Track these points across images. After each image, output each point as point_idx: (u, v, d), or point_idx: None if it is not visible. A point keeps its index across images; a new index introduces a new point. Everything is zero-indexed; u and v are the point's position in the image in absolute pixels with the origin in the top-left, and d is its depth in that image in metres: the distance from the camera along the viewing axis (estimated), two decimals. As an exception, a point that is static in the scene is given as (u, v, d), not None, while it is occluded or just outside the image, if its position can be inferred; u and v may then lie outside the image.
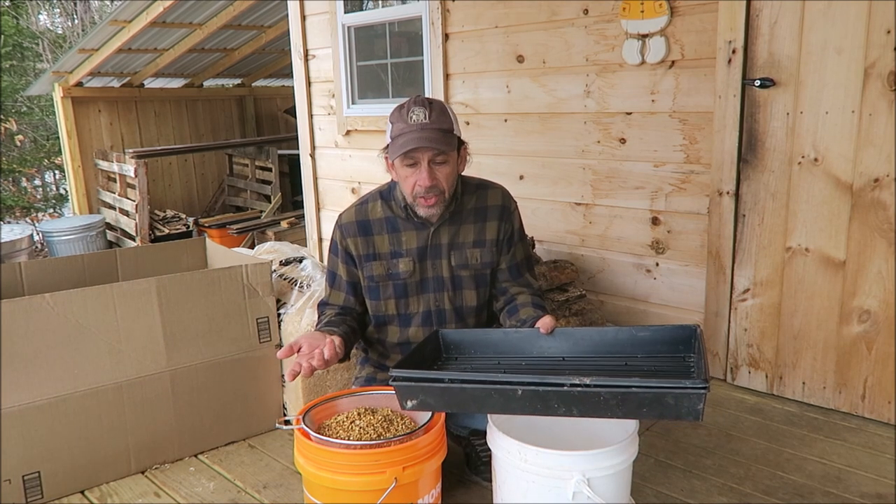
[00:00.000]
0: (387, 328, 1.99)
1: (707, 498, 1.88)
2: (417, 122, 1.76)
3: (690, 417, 1.31)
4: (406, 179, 1.82)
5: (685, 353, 1.64)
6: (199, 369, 2.17)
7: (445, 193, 1.83)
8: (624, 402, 1.34)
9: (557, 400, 1.39)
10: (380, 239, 1.93)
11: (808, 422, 2.31)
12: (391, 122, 1.83)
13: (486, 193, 1.97)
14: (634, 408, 1.34)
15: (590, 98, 2.84)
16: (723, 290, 2.57)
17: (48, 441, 1.93)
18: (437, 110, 1.79)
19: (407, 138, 1.75)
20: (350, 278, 1.97)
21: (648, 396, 1.33)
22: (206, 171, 6.73)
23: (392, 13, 3.65)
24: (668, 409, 1.32)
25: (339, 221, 1.97)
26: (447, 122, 1.80)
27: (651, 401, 1.33)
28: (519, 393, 1.40)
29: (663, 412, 1.33)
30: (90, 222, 5.36)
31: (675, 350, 1.65)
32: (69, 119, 5.70)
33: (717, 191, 2.52)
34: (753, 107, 2.39)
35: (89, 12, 10.31)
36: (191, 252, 2.78)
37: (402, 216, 1.91)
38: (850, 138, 2.20)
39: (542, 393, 1.38)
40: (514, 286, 1.97)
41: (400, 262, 1.92)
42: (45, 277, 2.43)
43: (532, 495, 1.49)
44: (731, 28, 2.38)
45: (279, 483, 2.03)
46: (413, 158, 1.78)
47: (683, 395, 1.30)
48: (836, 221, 2.27)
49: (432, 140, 1.75)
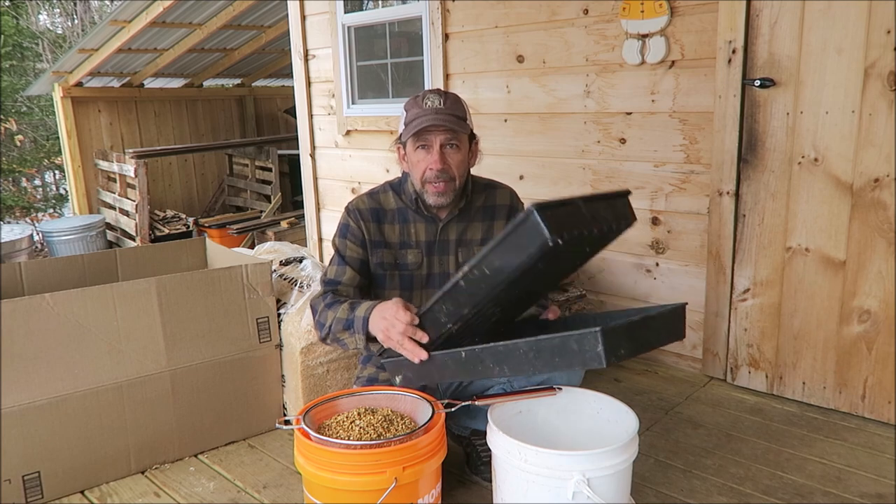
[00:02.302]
0: None
1: (707, 498, 1.88)
2: (432, 106, 1.80)
3: (595, 363, 1.38)
4: (417, 164, 1.83)
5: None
6: (199, 369, 2.17)
7: (456, 181, 1.84)
8: (538, 353, 1.45)
9: (491, 359, 1.52)
10: (390, 228, 1.93)
11: (808, 422, 2.31)
12: (406, 110, 1.86)
13: (495, 193, 1.98)
14: (548, 358, 1.44)
15: (590, 98, 2.84)
16: (723, 290, 2.57)
17: (48, 441, 1.93)
18: (452, 99, 1.84)
19: (421, 119, 1.78)
20: (362, 258, 1.92)
21: (556, 343, 1.42)
22: (206, 171, 6.73)
23: (392, 13, 3.65)
24: (575, 356, 1.40)
25: (350, 207, 1.94)
26: (461, 110, 1.84)
27: (559, 349, 1.42)
28: (463, 356, 1.55)
29: (572, 360, 1.41)
30: (90, 222, 5.35)
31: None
32: (69, 119, 5.70)
33: (717, 191, 2.52)
34: (753, 107, 2.39)
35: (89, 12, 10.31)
36: (191, 252, 2.78)
37: (413, 208, 1.92)
38: (850, 138, 2.20)
39: (478, 352, 1.52)
40: None
41: (409, 253, 1.92)
42: (45, 277, 2.43)
43: (532, 495, 1.49)
44: (731, 28, 2.38)
45: (279, 483, 2.03)
46: (426, 140, 1.80)
47: (582, 337, 1.37)
48: (836, 221, 2.27)
49: (446, 121, 1.78)
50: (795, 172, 2.33)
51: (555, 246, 1.30)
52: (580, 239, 1.39)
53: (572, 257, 1.60)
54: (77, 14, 10.33)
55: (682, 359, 2.79)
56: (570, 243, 1.36)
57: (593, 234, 1.43)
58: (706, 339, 2.67)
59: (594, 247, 1.62)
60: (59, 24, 10.70)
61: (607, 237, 1.57)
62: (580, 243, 1.43)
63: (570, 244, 1.36)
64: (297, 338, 2.27)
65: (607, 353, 1.36)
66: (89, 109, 5.88)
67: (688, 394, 2.55)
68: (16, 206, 8.10)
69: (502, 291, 1.46)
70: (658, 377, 2.72)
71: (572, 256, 1.58)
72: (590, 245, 1.56)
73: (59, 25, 10.67)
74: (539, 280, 1.60)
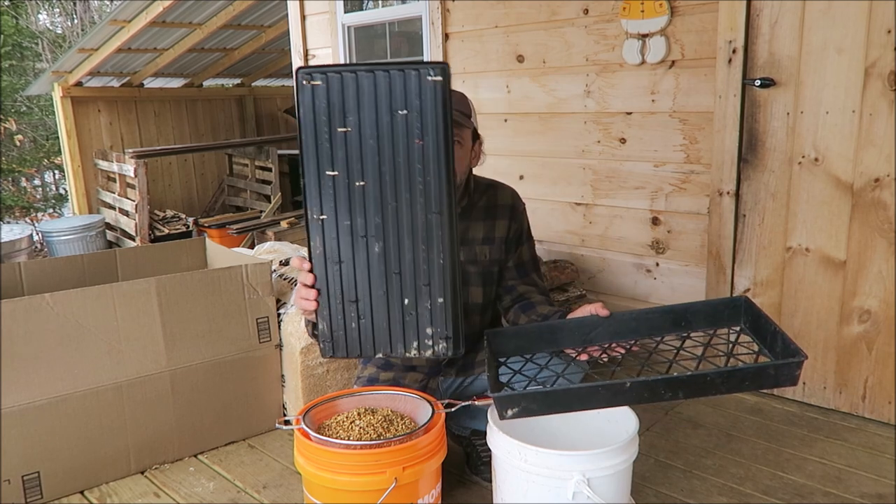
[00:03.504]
0: None
1: (707, 498, 1.88)
2: None
3: (788, 383, 1.39)
4: None
5: (732, 323, 1.68)
6: (199, 369, 2.17)
7: (457, 177, 1.83)
8: (728, 379, 1.39)
9: (665, 387, 1.41)
10: None
11: (808, 422, 2.31)
12: None
13: (497, 192, 1.98)
14: (737, 383, 1.40)
15: (590, 98, 2.84)
16: (723, 290, 2.56)
17: (48, 441, 1.93)
18: (458, 96, 1.84)
19: None
20: None
21: (752, 372, 1.39)
22: (206, 171, 6.73)
23: (392, 13, 3.65)
24: (768, 379, 1.39)
25: None
26: (466, 107, 1.84)
27: (754, 375, 1.39)
28: (627, 385, 1.41)
29: (763, 382, 1.40)
30: (90, 222, 5.35)
31: (725, 321, 1.68)
32: (69, 119, 5.70)
33: (718, 191, 2.52)
34: (754, 107, 2.39)
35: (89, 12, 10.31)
36: (191, 252, 2.78)
37: None
38: (851, 138, 2.19)
39: (650, 383, 1.40)
40: (522, 285, 1.97)
41: None
42: (45, 277, 2.43)
43: (532, 495, 1.49)
44: (731, 28, 2.37)
45: (279, 483, 2.03)
46: None
47: (785, 366, 1.36)
48: (836, 221, 2.27)
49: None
50: (796, 172, 2.33)
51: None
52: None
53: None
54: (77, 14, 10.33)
55: (682, 359, 2.78)
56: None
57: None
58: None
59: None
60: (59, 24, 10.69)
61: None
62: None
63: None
64: (297, 338, 2.27)
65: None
66: (89, 109, 5.87)
67: (688, 394, 2.55)
68: (15, 206, 8.10)
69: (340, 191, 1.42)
70: (658, 377, 2.71)
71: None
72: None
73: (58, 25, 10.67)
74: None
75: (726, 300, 1.71)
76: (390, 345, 1.52)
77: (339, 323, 1.51)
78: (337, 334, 1.51)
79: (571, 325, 1.71)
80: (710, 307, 1.70)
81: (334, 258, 1.48)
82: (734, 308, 1.66)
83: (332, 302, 1.49)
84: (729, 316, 1.67)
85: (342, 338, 1.52)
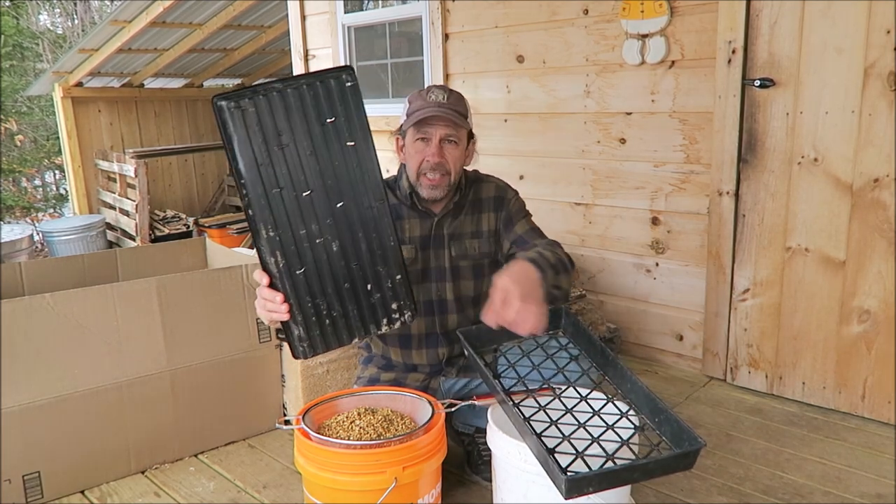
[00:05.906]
0: None
1: (707, 498, 1.88)
2: (436, 100, 1.83)
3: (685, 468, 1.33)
4: (415, 155, 1.86)
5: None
6: (199, 369, 2.17)
7: (451, 176, 1.86)
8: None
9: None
10: None
11: (807, 422, 2.31)
12: (409, 102, 1.88)
13: (482, 186, 2.00)
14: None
15: (590, 98, 2.84)
16: (723, 290, 2.57)
17: (48, 441, 1.93)
18: (456, 96, 1.87)
19: (424, 111, 1.81)
20: None
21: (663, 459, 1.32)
22: (206, 171, 6.73)
23: (392, 13, 3.65)
24: (673, 465, 1.33)
25: None
26: (463, 108, 1.87)
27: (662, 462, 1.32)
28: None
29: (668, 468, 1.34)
30: (90, 222, 5.35)
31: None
32: (69, 119, 5.70)
33: (717, 191, 2.52)
34: (753, 107, 2.39)
35: (89, 12, 10.31)
36: (191, 252, 2.78)
37: (407, 204, 1.93)
38: (850, 138, 2.20)
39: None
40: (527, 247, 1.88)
41: (403, 249, 1.92)
42: (45, 277, 2.43)
43: (532, 495, 1.49)
44: (731, 28, 2.38)
45: (279, 483, 2.03)
46: (426, 133, 1.83)
47: (686, 454, 1.30)
48: (836, 221, 2.27)
49: (449, 115, 1.81)
50: (795, 172, 2.33)
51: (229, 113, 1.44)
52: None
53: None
54: (77, 14, 10.33)
55: (681, 359, 2.79)
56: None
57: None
58: (706, 339, 2.67)
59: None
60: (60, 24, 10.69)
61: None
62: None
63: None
64: (297, 338, 2.27)
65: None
66: (89, 109, 5.87)
67: (688, 394, 2.55)
68: (16, 206, 8.10)
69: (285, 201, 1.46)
70: (658, 377, 2.71)
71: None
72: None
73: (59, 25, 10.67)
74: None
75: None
76: (364, 328, 1.59)
77: (314, 322, 1.55)
78: (313, 333, 1.56)
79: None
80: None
81: (297, 266, 1.51)
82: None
83: (303, 306, 1.53)
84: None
85: (318, 336, 1.56)
